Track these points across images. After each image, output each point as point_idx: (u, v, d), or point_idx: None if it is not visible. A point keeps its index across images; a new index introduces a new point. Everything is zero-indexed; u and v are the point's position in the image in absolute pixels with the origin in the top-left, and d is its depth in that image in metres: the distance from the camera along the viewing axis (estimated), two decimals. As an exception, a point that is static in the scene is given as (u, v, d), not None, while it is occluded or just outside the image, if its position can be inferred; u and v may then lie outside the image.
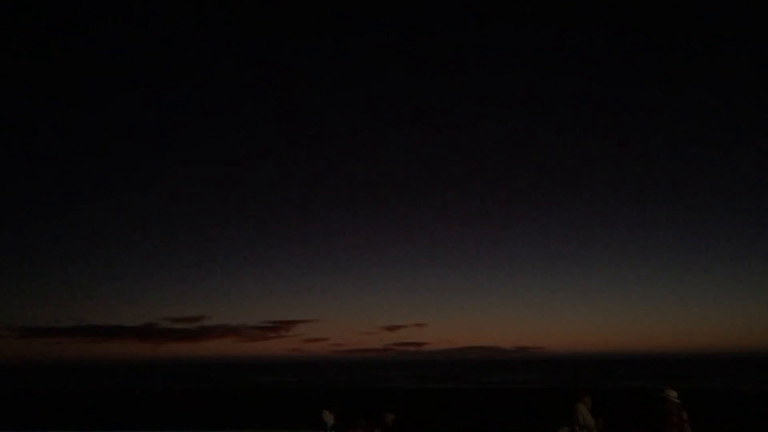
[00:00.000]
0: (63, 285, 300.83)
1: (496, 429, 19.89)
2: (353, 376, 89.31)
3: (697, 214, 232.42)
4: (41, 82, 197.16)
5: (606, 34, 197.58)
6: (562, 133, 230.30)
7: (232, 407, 29.92)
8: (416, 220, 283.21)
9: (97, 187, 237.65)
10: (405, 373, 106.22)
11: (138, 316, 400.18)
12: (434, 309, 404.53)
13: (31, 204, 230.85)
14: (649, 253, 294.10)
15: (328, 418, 8.68)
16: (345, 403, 9.50)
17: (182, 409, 28.75)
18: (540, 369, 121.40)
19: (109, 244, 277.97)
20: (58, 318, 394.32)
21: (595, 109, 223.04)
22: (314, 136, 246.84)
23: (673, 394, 7.07)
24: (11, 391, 52.48)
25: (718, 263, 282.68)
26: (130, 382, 78.18)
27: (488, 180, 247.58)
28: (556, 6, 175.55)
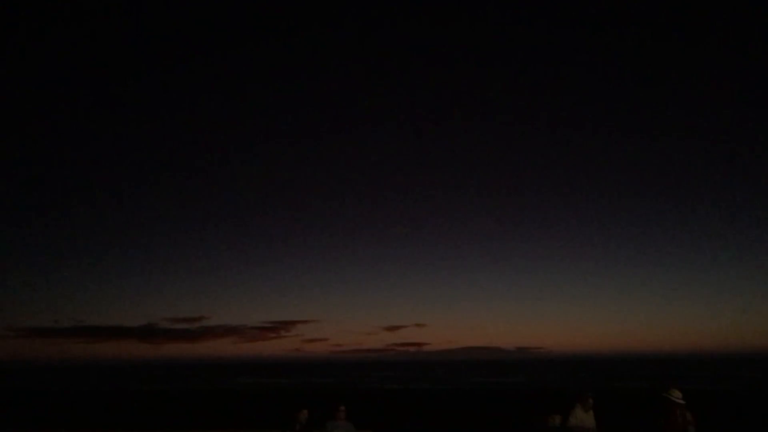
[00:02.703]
0: (63, 285, 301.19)
1: (496, 429, 19.84)
2: (353, 376, 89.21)
3: (698, 215, 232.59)
4: (41, 82, 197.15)
5: (606, 33, 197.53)
6: (563, 134, 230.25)
7: (232, 407, 29.87)
8: (416, 220, 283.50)
9: (97, 188, 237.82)
10: (405, 373, 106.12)
11: (138, 316, 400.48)
12: (434, 309, 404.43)
13: (31, 204, 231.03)
14: (649, 254, 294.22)
15: (303, 417, 8.67)
16: (322, 403, 9.44)
17: (182, 409, 28.69)
18: (540, 369, 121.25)
19: (109, 244, 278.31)
20: (58, 318, 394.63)
21: (596, 111, 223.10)
22: (315, 136, 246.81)
23: (677, 394, 7.00)
24: (11, 391, 52.41)
25: (719, 263, 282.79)
26: (130, 382, 78.12)
27: (489, 180, 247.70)
28: (557, 5, 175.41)
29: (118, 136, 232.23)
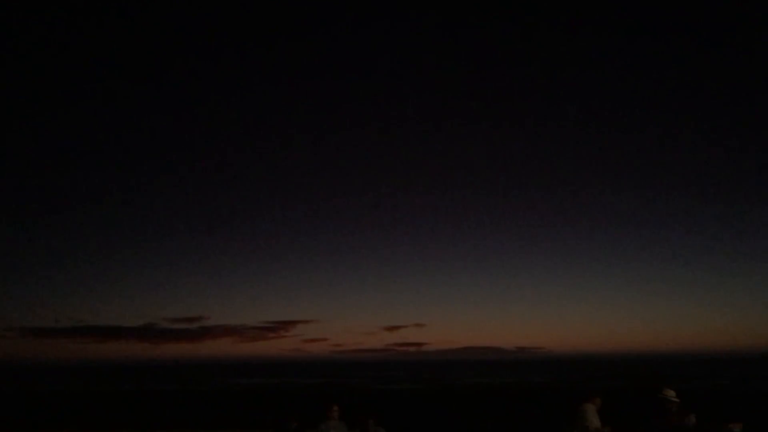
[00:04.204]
0: (63, 285, 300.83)
1: (496, 429, 19.92)
2: (353, 377, 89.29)
3: (698, 214, 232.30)
4: (40, 81, 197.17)
5: (605, 29, 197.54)
6: (562, 131, 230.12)
7: (232, 407, 29.93)
8: (416, 220, 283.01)
9: (97, 187, 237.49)
10: (405, 373, 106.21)
11: (138, 316, 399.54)
12: (434, 309, 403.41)
13: (31, 204, 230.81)
14: (649, 254, 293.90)
15: (292, 427, 8.73)
16: (318, 405, 9.46)
17: (182, 409, 28.76)
18: (540, 369, 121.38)
19: (109, 244, 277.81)
20: (58, 318, 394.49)
21: (595, 107, 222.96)
22: (313, 134, 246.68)
23: (671, 393, 7.12)
24: (11, 391, 52.45)
25: (719, 263, 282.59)
26: (130, 382, 78.16)
27: (488, 179, 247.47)
28: (557, 4, 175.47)
29: (118, 135, 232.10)
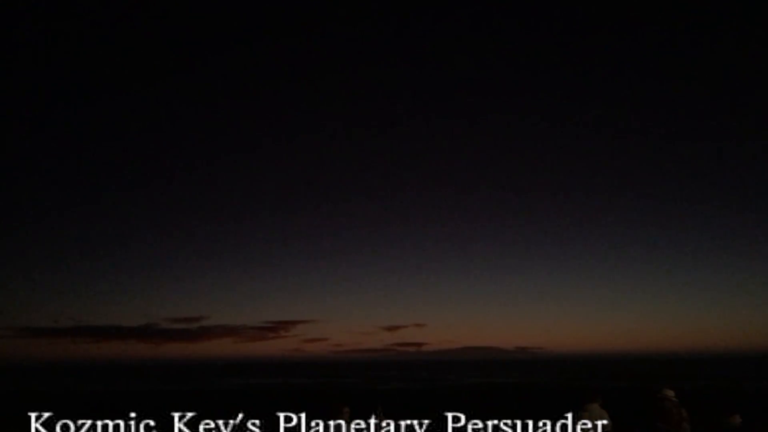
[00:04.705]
0: (63, 285, 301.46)
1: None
2: (353, 377, 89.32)
3: (698, 215, 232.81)
4: (39, 82, 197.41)
5: (605, 30, 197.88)
6: (563, 133, 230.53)
7: (231, 407, 29.94)
8: (417, 220, 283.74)
9: (97, 188, 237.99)
10: (405, 373, 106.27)
11: (137, 316, 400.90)
12: (434, 309, 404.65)
13: (31, 204, 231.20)
14: (649, 254, 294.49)
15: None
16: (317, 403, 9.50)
17: (182, 409, 28.75)
18: (540, 369, 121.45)
19: (110, 243, 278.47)
20: (58, 318, 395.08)
21: (596, 109, 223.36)
22: (314, 136, 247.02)
23: (670, 393, 7.19)
24: (11, 391, 52.46)
25: (719, 264, 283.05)
26: (129, 382, 78.19)
27: (489, 180, 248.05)
28: (557, 1, 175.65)
29: (119, 135, 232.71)
